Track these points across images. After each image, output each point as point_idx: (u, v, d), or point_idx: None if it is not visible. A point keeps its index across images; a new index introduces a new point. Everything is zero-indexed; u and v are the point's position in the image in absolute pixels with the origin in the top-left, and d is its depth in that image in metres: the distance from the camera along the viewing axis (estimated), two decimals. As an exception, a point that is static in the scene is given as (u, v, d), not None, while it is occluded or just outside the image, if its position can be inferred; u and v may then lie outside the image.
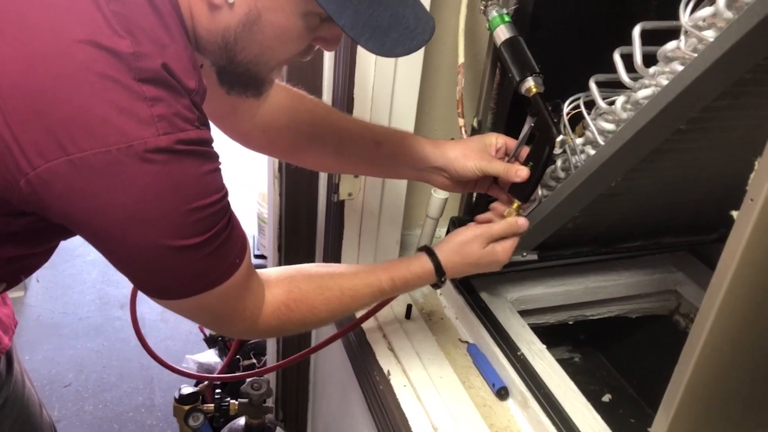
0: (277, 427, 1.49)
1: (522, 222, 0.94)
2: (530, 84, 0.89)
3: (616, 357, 1.58)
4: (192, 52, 0.69)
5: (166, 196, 0.64)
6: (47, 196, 0.61)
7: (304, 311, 0.87)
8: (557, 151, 0.93)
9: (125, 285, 0.71)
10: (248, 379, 1.40)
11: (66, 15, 0.60)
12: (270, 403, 1.45)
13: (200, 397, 1.51)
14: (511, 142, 0.97)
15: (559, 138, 0.88)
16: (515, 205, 0.94)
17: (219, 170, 0.70)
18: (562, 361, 1.13)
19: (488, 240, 0.93)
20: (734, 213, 0.59)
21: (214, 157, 0.69)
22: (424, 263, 0.93)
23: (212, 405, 1.50)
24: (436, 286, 0.96)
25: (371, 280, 0.91)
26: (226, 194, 0.70)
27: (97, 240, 0.67)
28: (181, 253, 0.68)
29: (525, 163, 0.92)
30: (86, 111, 0.59)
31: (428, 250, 0.94)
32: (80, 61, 0.59)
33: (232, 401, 1.47)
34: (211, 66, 0.75)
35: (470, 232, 0.94)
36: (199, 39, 0.72)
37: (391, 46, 0.69)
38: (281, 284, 0.86)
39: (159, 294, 0.74)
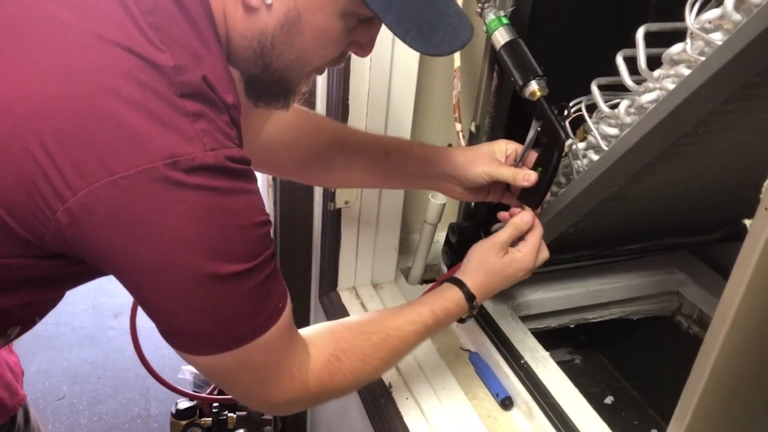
0: (276, 439, 1.47)
1: (526, 217, 0.90)
2: (534, 87, 0.87)
3: (617, 358, 1.57)
4: (227, 64, 0.65)
5: (215, 215, 0.59)
6: (88, 225, 0.56)
7: (355, 361, 0.78)
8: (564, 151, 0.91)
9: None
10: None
11: (102, 26, 0.57)
12: (269, 415, 1.42)
13: (197, 411, 1.48)
14: (522, 149, 0.95)
15: (568, 142, 0.86)
16: (525, 210, 0.92)
17: (260, 193, 0.66)
18: (563, 363, 1.12)
19: (502, 247, 0.89)
20: (747, 222, 0.57)
21: (255, 179, 0.65)
22: (455, 291, 0.88)
23: (210, 419, 1.47)
24: (468, 316, 0.91)
25: (413, 316, 0.85)
26: (270, 220, 0.66)
27: (135, 274, 0.60)
28: (228, 282, 0.62)
29: (533, 169, 0.89)
30: (129, 125, 0.55)
31: (452, 280, 0.90)
32: (123, 71, 0.55)
33: (230, 414, 1.44)
34: (240, 76, 0.72)
35: (482, 247, 0.90)
36: (233, 46, 0.68)
37: (437, 44, 0.67)
38: (324, 336, 0.79)
39: (196, 345, 0.65)
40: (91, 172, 0.54)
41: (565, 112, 0.90)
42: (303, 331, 0.78)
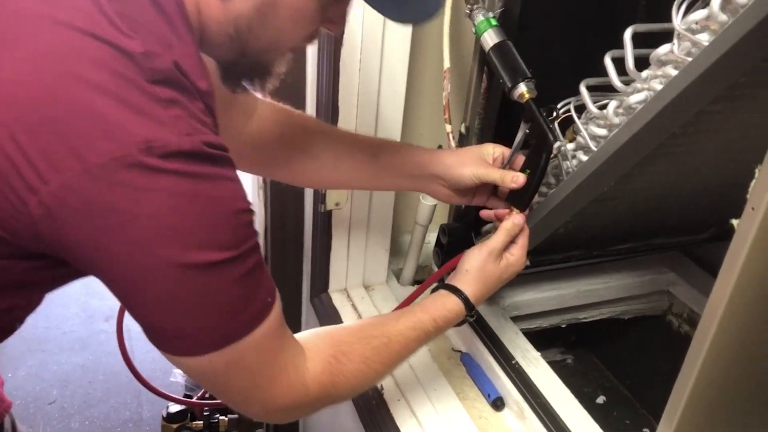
0: (268, 441, 1.47)
1: (517, 220, 0.90)
2: (523, 90, 0.87)
3: (609, 358, 1.58)
4: (198, 51, 0.64)
5: (194, 201, 0.57)
6: (62, 217, 0.54)
7: (357, 363, 0.76)
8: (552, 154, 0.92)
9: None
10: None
11: (70, 15, 0.55)
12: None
13: (189, 414, 1.48)
14: (509, 152, 0.95)
15: (556, 144, 0.86)
16: (514, 213, 0.92)
17: (240, 181, 0.64)
18: (554, 363, 1.12)
19: (498, 254, 0.90)
20: (735, 222, 0.57)
21: (234, 166, 0.63)
22: (455, 301, 0.88)
23: (201, 422, 1.46)
24: (462, 322, 0.91)
25: (414, 322, 0.84)
26: (252, 209, 0.64)
27: (113, 268, 0.58)
28: (211, 272, 0.59)
29: (522, 171, 0.90)
30: (99, 112, 0.53)
31: (453, 289, 0.89)
32: (90, 57, 0.54)
33: (221, 417, 1.44)
34: (216, 64, 0.71)
35: (480, 255, 0.89)
36: (208, 33, 0.67)
37: (408, 13, 0.70)
38: (322, 339, 0.77)
39: (183, 345, 0.63)
40: (64, 162, 0.53)
41: (554, 114, 0.90)
42: (299, 336, 0.76)
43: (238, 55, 0.69)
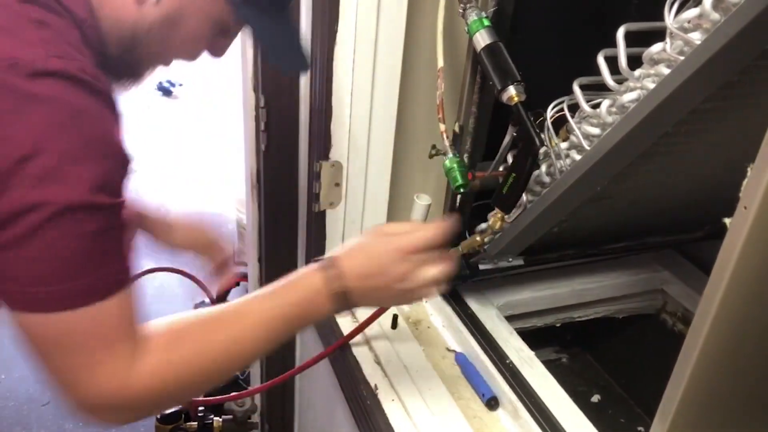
0: (264, 441, 1.46)
1: (443, 235, 0.77)
2: (512, 93, 0.87)
3: (603, 357, 1.58)
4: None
5: (62, 130, 0.53)
6: None
7: (191, 347, 0.67)
8: (541, 156, 0.92)
9: None
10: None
11: None
12: (255, 418, 1.41)
13: (183, 415, 1.47)
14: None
15: (542, 149, 0.86)
16: (499, 215, 0.92)
17: (123, 132, 0.59)
18: (549, 363, 1.12)
19: (400, 248, 0.75)
20: (727, 220, 0.57)
21: (118, 114, 0.59)
22: (317, 276, 0.74)
23: (195, 423, 1.46)
24: (339, 307, 0.76)
25: (260, 318, 0.72)
26: (132, 167, 0.60)
27: None
28: (77, 215, 0.54)
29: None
30: None
31: (320, 261, 0.76)
32: None
33: (216, 419, 1.43)
34: (93, 53, 0.67)
35: (374, 234, 0.78)
36: (102, 20, 0.66)
37: (295, 64, 0.82)
38: (159, 324, 0.68)
39: (26, 295, 0.57)
40: None
41: (545, 118, 0.90)
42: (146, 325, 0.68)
43: (121, 51, 0.70)
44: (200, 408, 1.48)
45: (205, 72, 4.48)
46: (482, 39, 0.91)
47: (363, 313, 1.24)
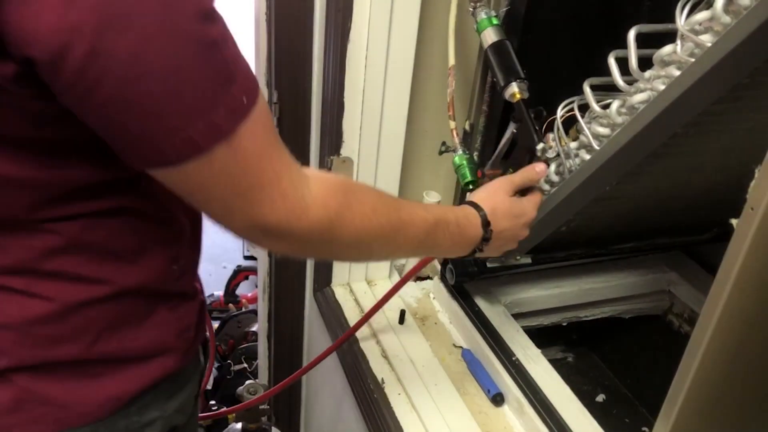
0: (273, 428, 1.48)
1: (540, 168, 0.90)
2: (514, 89, 0.88)
3: (609, 357, 1.58)
4: None
5: None
6: None
7: (367, 208, 0.69)
8: (551, 155, 0.92)
9: None
10: (247, 382, 1.39)
11: None
12: (265, 404, 1.43)
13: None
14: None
15: (540, 146, 0.87)
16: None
17: None
18: (555, 362, 1.12)
19: (511, 187, 0.89)
20: (734, 221, 0.58)
21: None
22: (472, 210, 0.85)
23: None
24: (472, 252, 0.86)
25: (429, 207, 0.82)
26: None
27: (116, 52, 0.49)
28: (207, 47, 0.52)
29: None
30: None
31: (470, 203, 0.86)
32: None
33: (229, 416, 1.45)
34: None
35: (493, 183, 0.89)
36: None
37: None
38: (332, 175, 0.70)
39: (167, 146, 0.53)
40: None
41: (544, 116, 0.91)
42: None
43: None
44: (212, 402, 1.51)
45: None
46: (489, 37, 0.92)
47: (368, 304, 1.26)
